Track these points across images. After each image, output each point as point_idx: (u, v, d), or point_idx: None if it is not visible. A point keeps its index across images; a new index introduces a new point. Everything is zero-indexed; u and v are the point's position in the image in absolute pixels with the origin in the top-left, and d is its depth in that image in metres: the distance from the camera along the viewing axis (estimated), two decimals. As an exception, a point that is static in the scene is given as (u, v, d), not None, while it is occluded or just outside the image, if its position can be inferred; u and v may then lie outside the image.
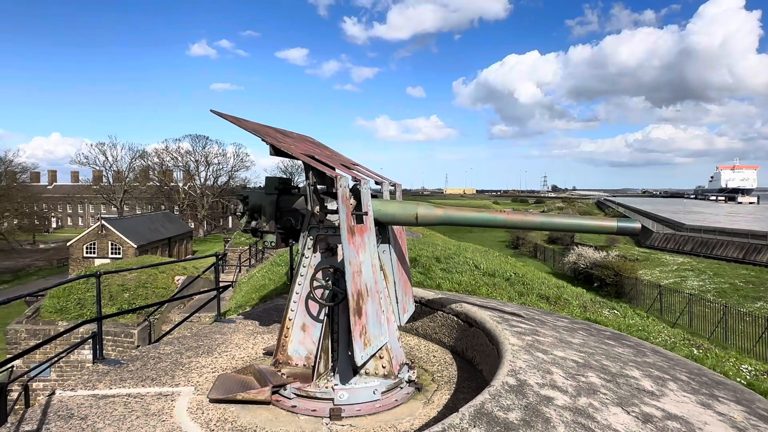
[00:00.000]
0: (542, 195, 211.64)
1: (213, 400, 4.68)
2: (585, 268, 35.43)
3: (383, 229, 5.15)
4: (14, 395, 11.00)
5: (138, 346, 14.52)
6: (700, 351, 7.54)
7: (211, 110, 4.41)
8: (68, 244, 53.84)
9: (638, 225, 4.48)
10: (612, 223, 4.48)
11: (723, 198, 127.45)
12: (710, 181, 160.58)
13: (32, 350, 5.21)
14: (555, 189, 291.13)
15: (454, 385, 5.28)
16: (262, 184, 5.49)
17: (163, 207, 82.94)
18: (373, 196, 4.95)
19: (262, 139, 4.35)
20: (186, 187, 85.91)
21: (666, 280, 33.44)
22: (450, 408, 4.63)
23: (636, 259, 40.33)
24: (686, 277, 34.75)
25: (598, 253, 37.03)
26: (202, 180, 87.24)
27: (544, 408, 3.38)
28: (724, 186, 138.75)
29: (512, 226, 4.95)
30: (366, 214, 4.52)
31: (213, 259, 9.00)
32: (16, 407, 8.11)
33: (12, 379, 7.13)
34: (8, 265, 59.08)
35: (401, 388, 4.79)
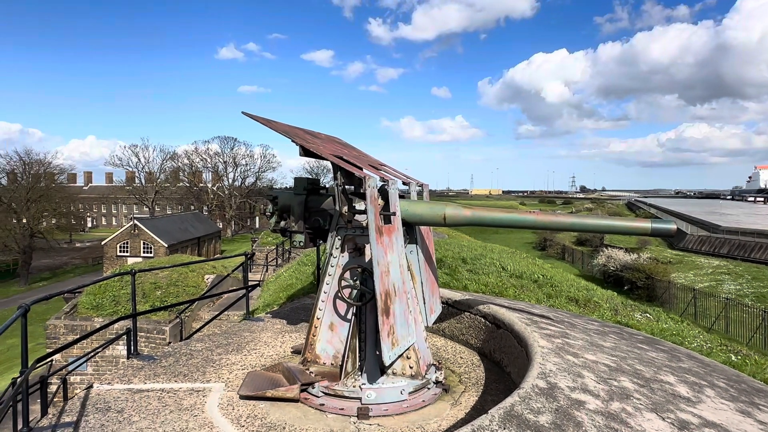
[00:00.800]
0: (570, 196, 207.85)
1: (243, 397, 4.77)
2: (615, 271, 34.62)
3: (410, 230, 5.15)
4: (53, 388, 11.44)
5: (170, 343, 14.90)
6: (739, 357, 7.28)
7: (242, 112, 4.50)
8: (103, 243, 55.65)
9: (674, 226, 4.36)
10: (646, 224, 4.37)
11: (762, 199, 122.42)
12: (748, 182, 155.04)
13: (70, 345, 5.40)
14: (584, 189, 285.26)
15: (481, 387, 5.24)
16: (289, 185, 5.56)
17: (192, 207, 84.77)
18: (401, 197, 4.96)
19: (292, 140, 4.41)
20: (214, 188, 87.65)
21: (701, 283, 32.34)
22: (478, 410, 4.60)
23: (669, 261, 39.14)
24: (722, 281, 33.55)
25: (629, 256, 36.13)
26: (230, 181, 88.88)
27: (575, 412, 3.32)
28: (763, 186, 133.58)
29: (542, 227, 4.87)
30: (394, 214, 4.54)
31: (242, 259, 9.16)
32: (55, 400, 8.42)
33: (51, 372, 7.42)
34: (47, 263, 61.45)
35: (428, 388, 4.79)
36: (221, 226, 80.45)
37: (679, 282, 31.34)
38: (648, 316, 9.43)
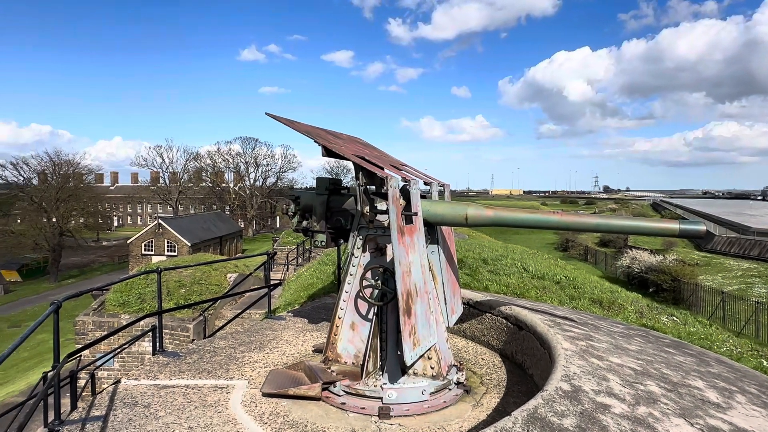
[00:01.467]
0: (593, 196, 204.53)
1: (265, 394, 4.83)
2: (639, 273, 33.89)
3: (432, 230, 5.14)
4: (81, 383, 11.74)
5: (193, 340, 15.16)
6: (770, 363, 7.05)
7: (266, 113, 4.55)
8: (128, 241, 56.94)
9: (703, 227, 4.26)
10: (674, 225, 4.28)
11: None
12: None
13: (99, 341, 5.54)
14: (607, 190, 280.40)
15: (503, 389, 5.20)
16: (309, 185, 5.63)
17: (214, 207, 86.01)
18: (422, 197, 4.95)
19: (315, 141, 4.44)
20: (236, 188, 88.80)
21: (729, 286, 31.45)
22: (500, 412, 4.57)
23: (696, 263, 38.19)
24: (752, 284, 32.56)
25: (654, 257, 35.31)
26: (252, 181, 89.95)
27: (600, 415, 3.27)
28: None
29: (565, 228, 4.81)
30: (416, 214, 4.53)
31: (264, 258, 9.26)
32: (83, 394, 8.64)
33: (80, 367, 7.61)
34: (75, 261, 63.17)
35: (450, 389, 4.77)
36: (242, 226, 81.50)
37: (706, 285, 30.54)
38: (675, 319, 9.21)
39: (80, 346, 7.30)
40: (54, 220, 56.89)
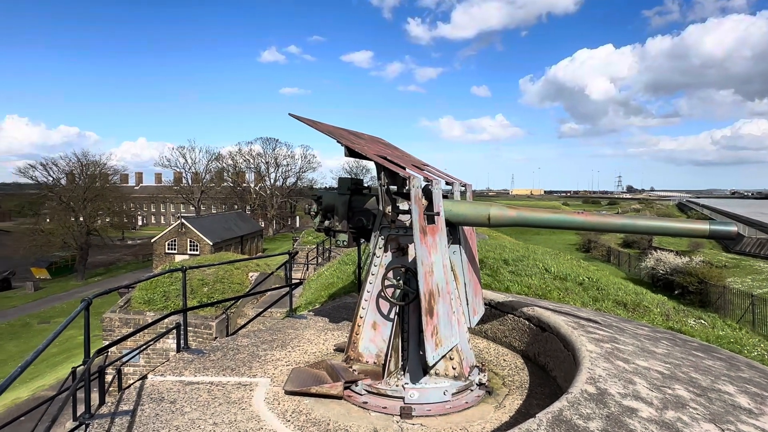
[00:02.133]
0: (616, 196, 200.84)
1: (288, 392, 4.88)
2: (664, 275, 33.13)
3: (454, 230, 5.13)
4: (108, 378, 12.01)
5: (216, 338, 15.39)
6: (804, 368, 6.82)
7: (289, 114, 4.60)
8: (152, 240, 58.12)
9: (734, 228, 4.15)
10: (704, 226, 4.18)
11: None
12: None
13: (128, 337, 5.67)
14: (630, 190, 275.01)
15: (526, 391, 5.15)
16: (328, 185, 5.66)
17: (236, 207, 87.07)
18: (444, 197, 4.93)
19: (338, 141, 4.47)
20: (257, 188, 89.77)
21: (760, 289, 30.49)
22: (523, 414, 4.53)
23: (724, 265, 37.12)
24: (784, 287, 31.52)
25: (680, 259, 34.45)
26: (272, 181, 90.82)
27: (627, 419, 3.22)
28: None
29: (591, 228, 4.74)
30: (438, 214, 4.52)
31: (285, 257, 9.35)
32: (110, 389, 8.86)
33: (107, 363, 7.80)
34: (101, 259, 64.70)
35: (471, 390, 4.75)
36: (263, 225, 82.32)
37: (735, 287, 29.68)
38: (702, 322, 8.98)
39: (107, 342, 7.47)
40: (81, 219, 58.35)
